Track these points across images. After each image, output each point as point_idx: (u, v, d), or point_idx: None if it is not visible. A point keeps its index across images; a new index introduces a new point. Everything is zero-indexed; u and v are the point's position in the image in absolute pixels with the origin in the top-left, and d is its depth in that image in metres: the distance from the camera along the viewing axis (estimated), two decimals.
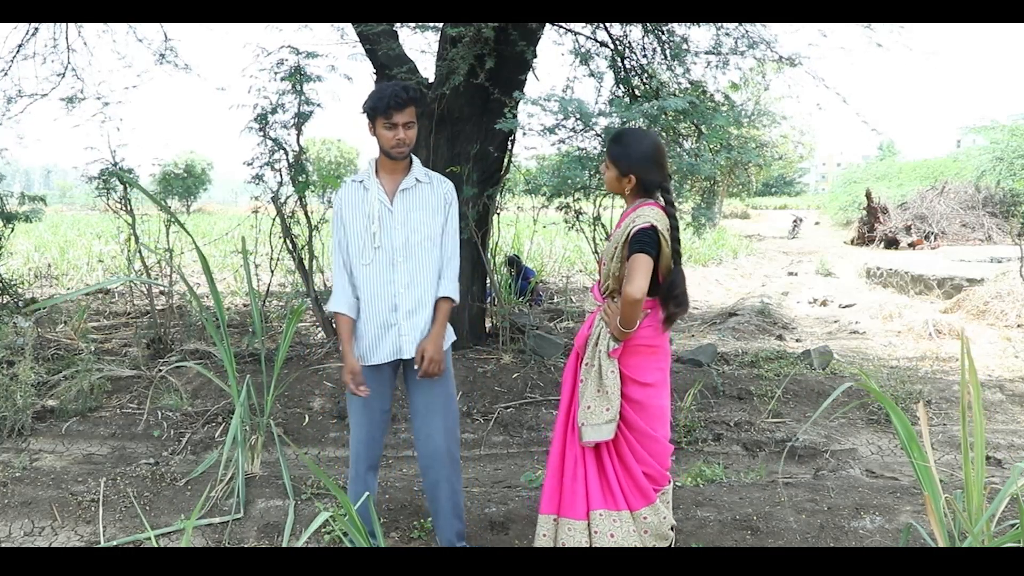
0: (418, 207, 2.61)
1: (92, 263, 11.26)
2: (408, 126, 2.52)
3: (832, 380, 5.40)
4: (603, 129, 4.40)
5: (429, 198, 2.63)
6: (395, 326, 2.59)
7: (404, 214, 2.59)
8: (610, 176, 2.51)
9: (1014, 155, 18.80)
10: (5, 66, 6.44)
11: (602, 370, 2.44)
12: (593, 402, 2.44)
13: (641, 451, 2.48)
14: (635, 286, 2.29)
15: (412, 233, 2.59)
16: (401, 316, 2.59)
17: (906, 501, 3.23)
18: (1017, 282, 8.40)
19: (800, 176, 59.37)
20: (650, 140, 2.51)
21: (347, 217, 2.61)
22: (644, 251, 2.32)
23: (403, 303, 2.58)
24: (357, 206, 2.60)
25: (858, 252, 17.31)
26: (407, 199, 2.61)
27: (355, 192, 2.62)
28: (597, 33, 5.75)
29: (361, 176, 2.66)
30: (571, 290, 9.56)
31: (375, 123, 2.53)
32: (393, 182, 2.62)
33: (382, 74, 5.38)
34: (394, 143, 2.52)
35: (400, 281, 2.58)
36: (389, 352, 2.61)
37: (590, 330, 2.52)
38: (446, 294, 2.64)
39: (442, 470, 2.69)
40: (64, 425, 4.28)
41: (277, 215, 5.45)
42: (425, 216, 2.61)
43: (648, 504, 2.48)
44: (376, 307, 2.59)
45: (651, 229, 2.34)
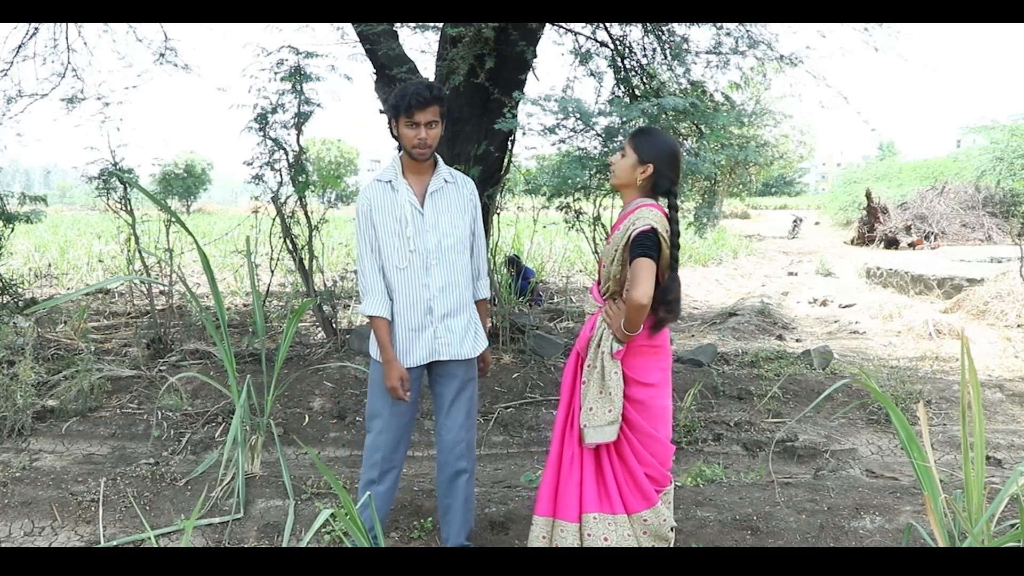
0: (447, 209, 2.59)
1: (92, 263, 11.26)
2: (431, 125, 2.48)
3: (832, 380, 5.40)
4: (603, 129, 4.40)
5: (456, 199, 2.62)
6: (429, 329, 2.58)
7: (435, 217, 2.57)
8: (625, 164, 2.47)
9: (1014, 155, 18.81)
10: (5, 66, 6.44)
11: (605, 371, 2.43)
12: (595, 404, 2.43)
13: (643, 452, 2.48)
14: (641, 291, 2.28)
15: (444, 236, 2.57)
16: (436, 319, 2.58)
17: (906, 501, 3.23)
18: (1017, 282, 8.40)
19: (800, 176, 59.37)
20: (672, 140, 2.54)
21: (378, 219, 2.54)
22: (647, 255, 2.31)
23: (438, 307, 2.58)
24: (387, 208, 2.54)
25: (858, 252, 17.31)
26: (436, 201, 2.58)
27: (384, 193, 2.56)
28: (597, 33, 5.75)
29: (387, 176, 2.59)
30: (571, 290, 9.56)
31: (397, 122, 2.49)
32: (420, 183, 2.59)
33: (382, 74, 5.39)
34: (416, 143, 2.48)
35: (435, 285, 2.57)
36: (425, 355, 2.60)
37: (592, 331, 2.52)
38: (485, 296, 2.73)
39: (462, 462, 2.69)
40: (64, 425, 4.28)
41: (277, 215, 5.45)
42: (455, 218, 2.60)
43: (649, 506, 2.47)
44: (411, 311, 2.57)
45: (651, 231, 2.33)
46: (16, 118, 6.39)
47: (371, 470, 2.68)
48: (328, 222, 5.94)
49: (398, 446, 2.68)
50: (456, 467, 2.70)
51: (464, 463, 2.70)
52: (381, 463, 2.66)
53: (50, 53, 6.50)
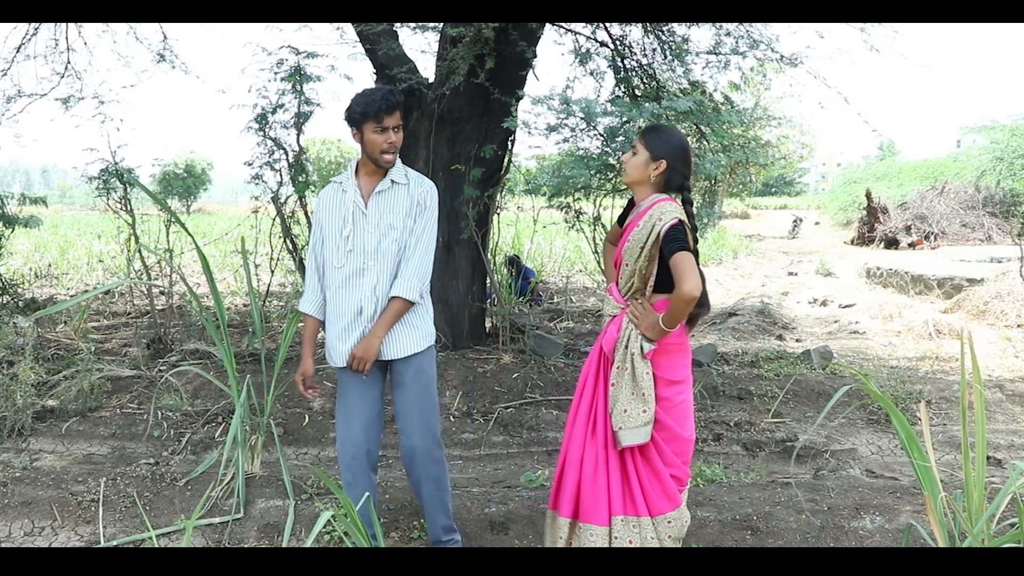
0: (392, 209, 2.58)
1: (92, 263, 11.26)
2: (397, 129, 2.52)
3: (832, 380, 5.40)
4: (605, 128, 4.40)
5: (403, 200, 2.60)
6: (358, 330, 2.58)
7: (377, 217, 2.57)
8: (637, 161, 2.47)
9: (1014, 155, 18.80)
10: (5, 66, 6.44)
11: (636, 372, 2.42)
12: (629, 405, 2.42)
13: (669, 453, 2.47)
14: (691, 283, 2.27)
15: (383, 237, 2.57)
16: (365, 320, 2.58)
17: (906, 501, 3.23)
18: (1017, 282, 8.40)
19: (800, 176, 59.37)
20: (683, 136, 2.55)
21: (324, 219, 2.63)
22: (684, 248, 2.31)
23: (368, 307, 2.57)
24: (334, 208, 2.61)
25: (858, 252, 17.31)
26: (381, 201, 2.59)
27: (334, 194, 2.64)
28: (597, 33, 5.75)
29: (341, 178, 2.65)
30: (571, 290, 9.56)
31: (363, 128, 2.51)
32: (371, 183, 2.61)
33: (382, 74, 5.38)
34: (386, 147, 2.50)
35: (367, 284, 2.57)
36: (350, 355, 2.58)
37: (619, 332, 2.47)
38: (397, 293, 2.55)
39: (421, 469, 2.67)
40: (64, 425, 4.28)
41: (277, 215, 5.45)
42: (397, 219, 2.58)
43: (674, 508, 2.47)
44: (342, 310, 2.59)
45: (680, 224, 2.34)
46: (15, 118, 6.39)
47: (344, 470, 2.71)
48: None
49: (357, 442, 2.65)
50: (416, 474, 2.67)
51: (422, 468, 2.65)
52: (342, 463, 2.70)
53: (50, 53, 6.50)
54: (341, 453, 2.69)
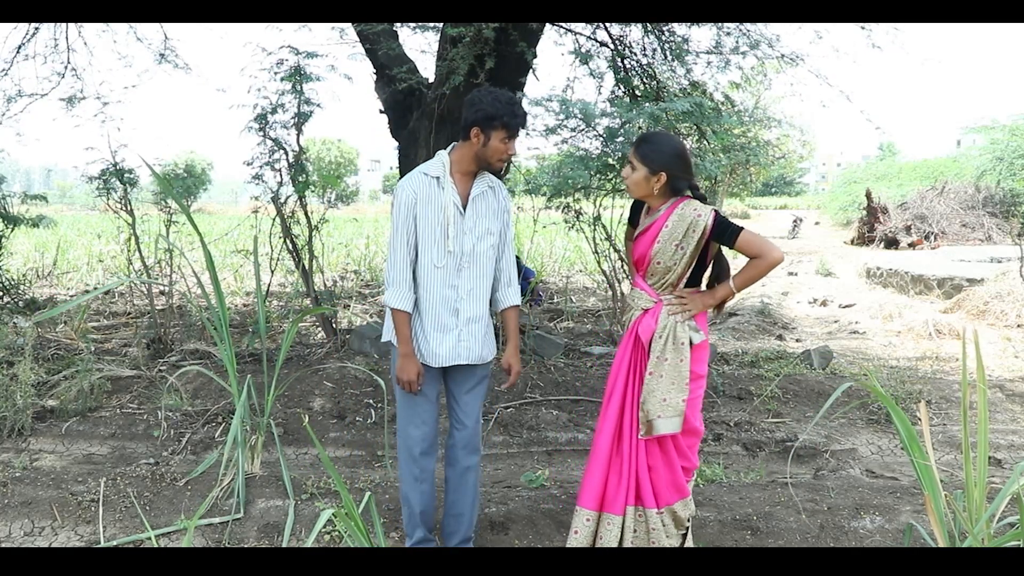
0: (485, 214, 2.61)
1: (92, 263, 11.26)
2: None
3: (832, 380, 5.40)
4: (604, 129, 4.40)
5: (493, 205, 2.64)
6: (455, 331, 2.60)
7: (473, 220, 2.59)
8: (637, 177, 2.50)
9: (1014, 155, 18.80)
10: (5, 66, 6.44)
11: (681, 361, 2.50)
12: (669, 395, 2.48)
13: (683, 446, 2.56)
14: (771, 249, 2.43)
15: (479, 241, 2.59)
16: (462, 322, 2.60)
17: (906, 501, 3.23)
18: (1017, 282, 8.40)
19: (800, 176, 59.41)
20: (678, 140, 2.59)
21: (421, 213, 2.52)
22: (740, 227, 2.45)
23: (464, 309, 2.60)
24: (433, 204, 2.53)
25: (858, 252, 17.30)
26: (477, 205, 2.60)
27: (430, 188, 2.54)
28: (597, 33, 5.75)
29: (435, 172, 2.56)
30: (571, 290, 9.56)
31: (490, 132, 2.48)
32: (465, 184, 2.59)
33: (382, 74, 5.38)
34: (506, 156, 2.55)
35: (463, 287, 2.59)
36: (448, 356, 2.61)
37: (656, 324, 2.52)
38: (517, 303, 2.72)
39: (474, 458, 2.74)
40: (64, 425, 4.28)
41: (277, 215, 5.45)
42: (491, 224, 2.62)
43: (682, 498, 2.56)
44: (438, 310, 2.58)
45: (718, 214, 2.46)
46: (16, 117, 6.40)
47: (411, 462, 2.71)
48: (328, 222, 5.94)
49: (427, 431, 2.69)
50: (467, 463, 2.73)
51: (475, 459, 2.75)
52: (410, 450, 2.69)
53: (50, 53, 6.50)
54: (412, 448, 2.69)
